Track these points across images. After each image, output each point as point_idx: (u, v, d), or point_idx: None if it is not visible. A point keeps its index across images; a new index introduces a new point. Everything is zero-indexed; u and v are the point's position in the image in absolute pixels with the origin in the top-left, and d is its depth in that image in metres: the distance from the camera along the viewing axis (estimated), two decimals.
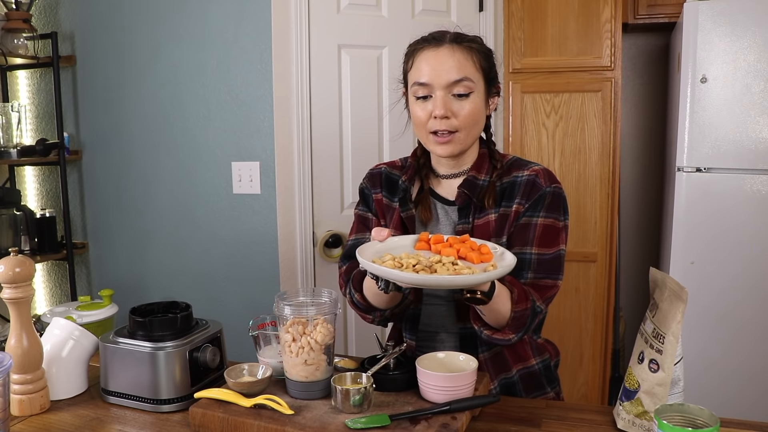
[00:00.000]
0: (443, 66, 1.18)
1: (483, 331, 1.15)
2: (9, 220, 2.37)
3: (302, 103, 2.22)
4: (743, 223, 2.21)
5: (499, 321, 1.12)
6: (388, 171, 1.37)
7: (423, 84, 1.20)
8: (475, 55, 1.21)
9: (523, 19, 2.52)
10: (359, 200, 1.40)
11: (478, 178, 1.25)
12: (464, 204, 1.25)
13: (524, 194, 1.22)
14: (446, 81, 1.18)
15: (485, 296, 1.04)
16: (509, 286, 1.12)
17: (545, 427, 1.07)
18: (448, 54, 1.19)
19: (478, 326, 1.16)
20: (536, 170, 1.24)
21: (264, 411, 1.02)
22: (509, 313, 1.11)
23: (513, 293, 1.11)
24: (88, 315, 2.03)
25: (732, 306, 2.24)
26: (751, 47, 2.13)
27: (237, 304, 2.35)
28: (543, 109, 2.54)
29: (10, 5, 2.35)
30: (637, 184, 3.11)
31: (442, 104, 1.18)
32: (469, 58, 1.20)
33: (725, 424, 0.99)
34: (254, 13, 2.20)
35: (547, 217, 1.21)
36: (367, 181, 1.39)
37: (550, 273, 1.20)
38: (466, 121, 1.20)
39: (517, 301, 1.11)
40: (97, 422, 1.10)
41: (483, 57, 1.23)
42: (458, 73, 1.18)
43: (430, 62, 1.20)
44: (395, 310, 1.24)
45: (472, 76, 1.19)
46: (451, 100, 1.19)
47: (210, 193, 2.36)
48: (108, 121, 2.49)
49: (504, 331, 1.14)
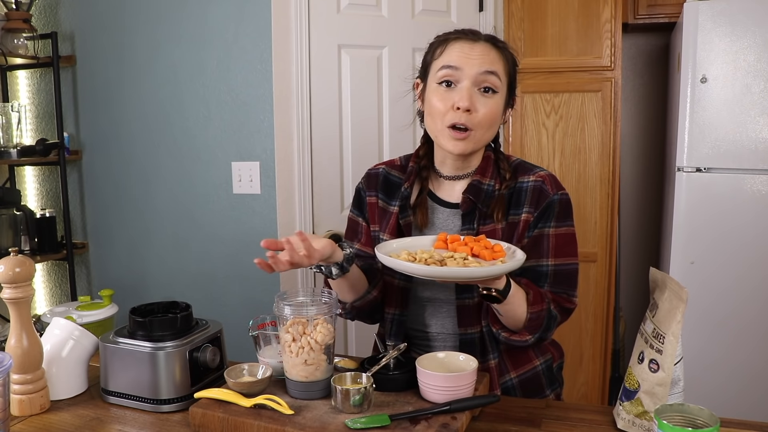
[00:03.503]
0: (479, 56, 1.18)
1: (501, 333, 1.18)
2: (9, 220, 2.37)
3: (302, 103, 2.22)
4: (743, 223, 2.21)
5: (516, 322, 1.15)
6: (386, 172, 1.35)
7: (453, 67, 1.18)
8: (506, 61, 1.22)
9: (523, 19, 2.52)
10: (354, 200, 1.39)
11: (483, 182, 1.24)
12: (469, 210, 1.24)
13: (532, 202, 1.21)
14: (478, 69, 1.17)
15: (500, 294, 1.06)
16: (525, 288, 1.13)
17: (545, 427, 1.07)
18: (485, 49, 1.19)
19: (496, 329, 1.18)
20: (542, 176, 1.24)
21: (264, 411, 1.02)
22: (525, 314, 1.13)
23: (529, 295, 1.13)
24: (88, 315, 2.03)
25: (732, 306, 2.24)
26: (751, 47, 2.13)
27: (237, 304, 2.35)
28: (543, 109, 2.54)
29: (10, 5, 2.35)
30: (637, 184, 3.11)
31: (468, 95, 1.16)
32: (502, 60, 1.21)
33: (725, 424, 0.99)
34: (254, 13, 2.20)
35: (559, 227, 1.22)
36: (364, 182, 1.38)
37: (567, 289, 1.22)
38: (486, 120, 1.18)
39: (532, 302, 1.13)
40: (97, 422, 1.10)
41: (511, 65, 1.23)
42: (492, 65, 1.18)
43: (465, 50, 1.19)
44: (356, 303, 1.26)
45: (501, 75, 1.19)
46: (476, 94, 1.18)
47: (210, 193, 2.36)
48: (108, 121, 2.49)
49: (521, 333, 1.16)
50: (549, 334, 1.20)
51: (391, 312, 1.29)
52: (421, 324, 1.31)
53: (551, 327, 1.18)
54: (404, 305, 1.29)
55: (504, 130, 2.58)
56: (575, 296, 1.23)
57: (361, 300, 1.26)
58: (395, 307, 1.29)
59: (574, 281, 1.23)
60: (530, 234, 1.21)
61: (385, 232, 1.30)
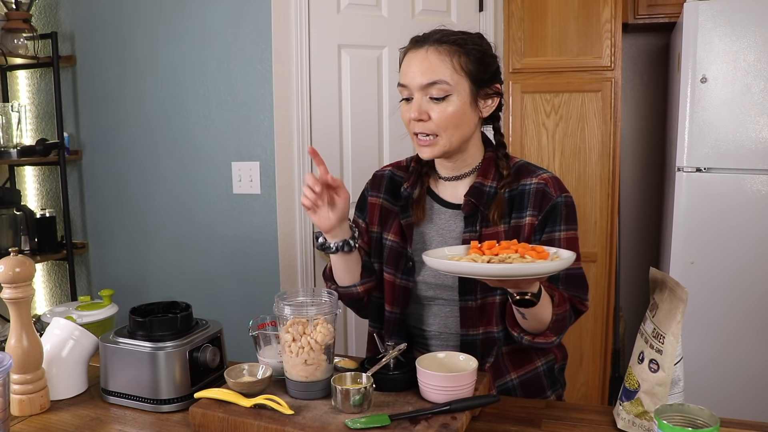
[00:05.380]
0: (418, 68, 1.18)
1: (523, 337, 1.16)
2: (9, 220, 2.37)
3: (302, 103, 2.22)
4: (743, 223, 2.21)
5: (540, 325, 1.13)
6: (392, 173, 1.37)
7: (402, 85, 1.21)
8: (456, 57, 1.17)
9: (523, 19, 2.52)
10: (358, 199, 1.41)
11: (485, 184, 1.24)
12: (471, 212, 1.24)
13: (535, 205, 1.21)
14: (419, 83, 1.17)
15: (534, 297, 1.05)
16: (549, 290, 1.12)
17: (545, 427, 1.07)
18: (422, 57, 1.18)
19: (517, 332, 1.17)
20: (545, 178, 1.23)
21: (264, 411, 1.02)
22: (551, 316, 1.12)
23: (554, 297, 1.12)
24: (88, 315, 2.03)
25: (732, 306, 2.24)
26: (751, 47, 2.13)
27: (237, 304, 2.35)
28: (543, 109, 2.54)
29: (10, 5, 2.35)
30: (637, 184, 3.11)
31: (417, 107, 1.18)
32: (447, 60, 1.17)
33: (725, 424, 0.99)
34: (254, 13, 2.20)
35: (568, 230, 1.21)
36: (369, 183, 1.39)
37: (579, 292, 1.22)
38: (444, 124, 1.18)
39: (558, 303, 1.12)
40: (97, 422, 1.10)
41: (470, 58, 1.18)
42: (430, 76, 1.16)
43: (410, 64, 1.19)
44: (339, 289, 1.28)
45: (448, 78, 1.16)
46: (428, 102, 1.18)
47: (210, 193, 2.36)
48: (108, 121, 2.49)
49: (546, 335, 1.14)
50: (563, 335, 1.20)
51: (391, 311, 1.30)
52: (422, 323, 1.31)
53: (568, 328, 1.19)
54: (405, 305, 1.30)
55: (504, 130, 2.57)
56: (587, 300, 1.23)
57: (345, 289, 1.29)
58: (396, 306, 1.30)
59: (585, 284, 1.23)
60: (538, 237, 1.21)
61: (390, 233, 1.31)
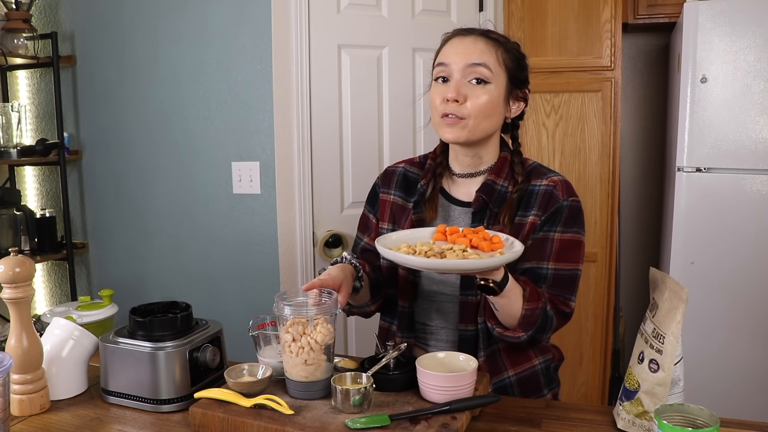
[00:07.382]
0: (465, 50, 1.20)
1: (495, 329, 1.18)
2: (9, 220, 2.37)
3: (302, 103, 2.22)
4: (743, 223, 2.21)
5: (511, 318, 1.14)
6: (406, 170, 1.37)
7: (443, 64, 1.22)
8: (500, 50, 1.22)
9: (523, 19, 2.52)
10: (369, 195, 1.42)
11: (497, 183, 1.25)
12: (480, 208, 1.24)
13: (541, 206, 1.22)
14: (465, 62, 1.19)
15: (497, 286, 1.06)
16: (522, 284, 1.13)
17: (545, 427, 1.07)
18: (472, 41, 1.22)
19: (491, 324, 1.18)
20: (555, 181, 1.24)
21: (264, 411, 1.02)
22: (521, 311, 1.12)
23: (525, 291, 1.12)
24: (88, 315, 2.03)
25: (732, 306, 2.24)
26: (751, 47, 2.13)
27: (237, 304, 2.35)
28: (543, 109, 2.54)
29: (10, 5, 2.35)
30: (637, 184, 3.11)
31: (455, 87, 1.19)
32: (493, 51, 1.21)
33: (725, 423, 0.99)
34: (254, 13, 2.20)
35: (564, 232, 1.22)
36: (381, 178, 1.40)
37: (565, 292, 1.21)
38: (478, 109, 1.19)
39: (528, 299, 1.12)
40: (97, 422, 1.10)
41: (510, 56, 1.24)
42: (478, 56, 1.19)
43: (454, 46, 1.23)
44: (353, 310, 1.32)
45: (492, 66, 1.20)
46: (467, 86, 1.20)
47: (210, 193, 2.36)
48: (108, 121, 2.49)
49: (515, 329, 1.15)
50: (543, 336, 1.19)
51: (403, 306, 1.31)
52: (426, 317, 1.32)
53: (546, 328, 1.17)
54: (413, 298, 1.31)
55: None
56: (573, 300, 1.22)
57: (358, 308, 1.33)
58: (405, 300, 1.31)
59: (573, 286, 1.23)
60: (535, 236, 1.21)
61: (402, 229, 1.31)
